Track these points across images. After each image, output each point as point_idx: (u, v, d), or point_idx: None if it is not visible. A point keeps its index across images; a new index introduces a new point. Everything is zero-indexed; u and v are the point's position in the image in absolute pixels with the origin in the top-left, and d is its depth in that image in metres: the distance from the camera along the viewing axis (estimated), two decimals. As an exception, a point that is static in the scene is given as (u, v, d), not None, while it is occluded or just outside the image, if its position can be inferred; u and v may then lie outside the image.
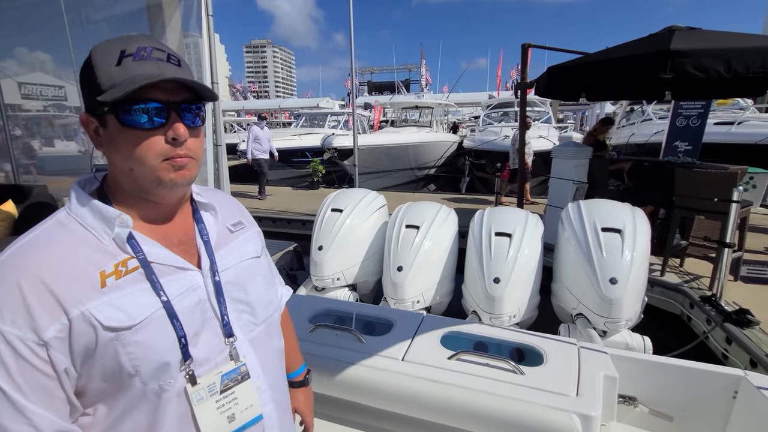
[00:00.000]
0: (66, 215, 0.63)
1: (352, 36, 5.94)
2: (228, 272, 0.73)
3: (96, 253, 0.61)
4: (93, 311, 0.57)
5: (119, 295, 0.59)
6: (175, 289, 0.64)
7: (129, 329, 0.58)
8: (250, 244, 0.81)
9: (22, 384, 0.54)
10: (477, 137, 11.57)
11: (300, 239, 5.10)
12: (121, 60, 0.59)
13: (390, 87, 26.36)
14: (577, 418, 1.27)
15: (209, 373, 0.66)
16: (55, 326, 0.55)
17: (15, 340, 0.53)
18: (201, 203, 0.76)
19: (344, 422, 1.60)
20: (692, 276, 3.80)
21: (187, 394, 0.64)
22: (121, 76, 0.59)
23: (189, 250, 0.70)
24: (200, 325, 0.66)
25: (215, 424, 0.66)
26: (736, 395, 1.53)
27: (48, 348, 0.54)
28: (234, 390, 0.69)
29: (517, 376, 1.45)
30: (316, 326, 1.75)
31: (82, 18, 3.37)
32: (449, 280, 3.23)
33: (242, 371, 0.70)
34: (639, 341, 2.57)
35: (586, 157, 4.80)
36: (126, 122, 0.60)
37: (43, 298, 0.55)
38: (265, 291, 0.80)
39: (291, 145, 11.46)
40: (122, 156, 0.62)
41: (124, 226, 0.63)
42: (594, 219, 2.75)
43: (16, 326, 0.53)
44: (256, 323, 0.76)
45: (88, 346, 0.57)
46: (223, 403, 0.67)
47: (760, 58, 2.70)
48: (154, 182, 0.63)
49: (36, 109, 4.98)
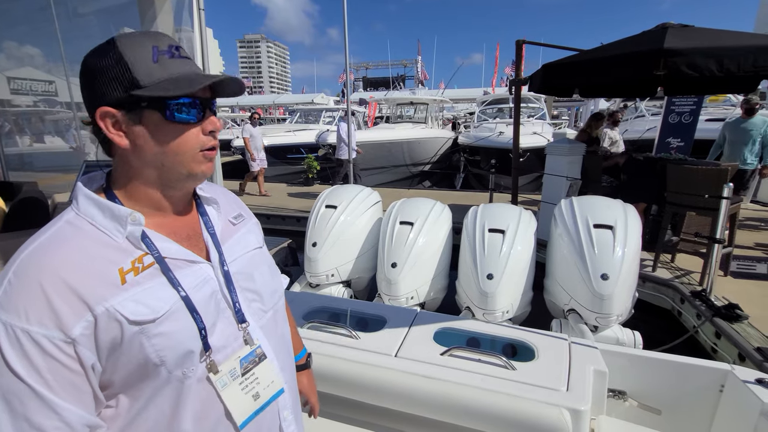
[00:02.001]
0: (75, 216, 0.64)
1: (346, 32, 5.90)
2: (235, 263, 0.75)
3: (111, 251, 0.62)
4: (117, 307, 0.58)
5: (140, 290, 0.61)
6: (190, 282, 0.67)
7: (153, 322, 0.61)
8: (252, 235, 0.84)
9: (52, 381, 0.55)
10: (472, 133, 11.59)
11: (294, 236, 5.09)
12: (158, 57, 0.62)
13: (385, 83, 26.29)
14: (567, 413, 1.29)
15: (228, 360, 0.69)
16: (81, 323, 0.56)
17: (42, 339, 0.54)
18: (204, 198, 0.79)
19: (337, 418, 1.61)
20: (683, 271, 3.85)
21: (212, 382, 0.67)
22: (162, 73, 0.62)
23: (197, 244, 0.73)
24: (215, 315, 0.69)
25: (243, 404, 0.70)
26: (723, 389, 1.56)
27: (75, 345, 0.56)
28: (254, 371, 0.73)
29: (508, 372, 1.46)
30: (309, 323, 1.75)
31: (69, 11, 3.32)
32: (443, 276, 3.24)
33: (258, 353, 0.74)
34: (629, 336, 2.60)
35: (580, 154, 4.83)
36: (172, 117, 0.63)
37: (67, 296, 0.56)
38: (271, 280, 0.83)
39: (285, 141, 11.42)
40: (159, 150, 0.64)
41: (137, 224, 0.64)
42: (586, 215, 2.77)
43: (43, 326, 0.54)
44: (264, 310, 0.79)
45: (113, 340, 0.59)
46: (246, 384, 0.71)
47: (752, 56, 2.73)
48: (183, 175, 0.67)
49: (26, 105, 4.91)
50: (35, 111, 5.04)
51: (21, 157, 4.90)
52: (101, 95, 0.62)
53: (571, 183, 4.64)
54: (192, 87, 0.62)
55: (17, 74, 4.54)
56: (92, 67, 0.62)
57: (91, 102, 0.63)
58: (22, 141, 5.01)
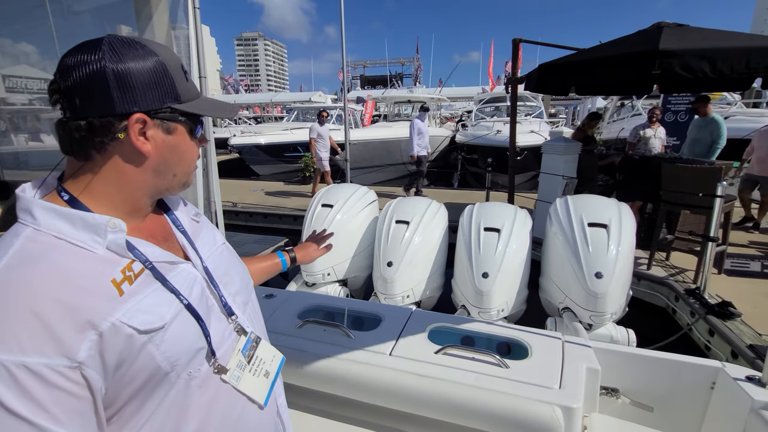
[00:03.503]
0: (34, 231, 0.56)
1: (343, 31, 5.90)
2: (210, 260, 0.76)
3: (95, 263, 0.57)
4: (124, 320, 0.55)
5: (141, 299, 0.58)
6: (180, 283, 0.66)
7: (162, 329, 0.59)
8: (215, 231, 0.85)
9: (59, 414, 0.50)
10: (469, 132, 11.60)
11: (291, 234, 5.10)
12: (186, 76, 0.68)
13: (383, 81, 26.26)
14: (559, 410, 1.30)
15: (232, 356, 0.72)
16: (86, 344, 0.51)
17: (44, 369, 0.49)
18: (168, 199, 0.79)
19: (332, 416, 1.62)
20: (678, 269, 3.88)
21: (226, 381, 0.69)
22: (192, 91, 0.68)
23: (173, 245, 0.73)
24: (207, 312, 0.69)
25: (258, 386, 0.75)
26: (714, 386, 1.58)
27: (82, 368, 0.51)
28: (256, 354, 0.77)
29: (502, 370, 1.48)
30: (304, 322, 1.76)
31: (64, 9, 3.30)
32: (439, 274, 3.25)
33: (254, 338, 0.78)
34: (623, 334, 2.62)
35: (576, 153, 4.85)
36: (196, 133, 0.70)
37: (65, 317, 0.51)
38: (243, 271, 0.86)
39: (283, 139, 11.40)
40: (178, 160, 0.69)
41: (119, 231, 0.60)
42: (581, 214, 2.79)
43: (43, 354, 0.49)
44: (245, 302, 0.81)
45: (120, 356, 0.55)
46: (255, 369, 0.75)
47: (745, 58, 2.75)
48: (182, 184, 0.72)
49: (21, 103, 4.88)
50: (30, 109, 5.01)
51: (17, 156, 4.87)
52: (136, 101, 0.60)
53: (567, 182, 4.65)
54: (225, 113, 0.73)
55: (12, 72, 4.52)
56: (131, 70, 0.59)
57: (120, 104, 0.59)
58: (18, 140, 4.99)
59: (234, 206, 6.88)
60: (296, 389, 1.61)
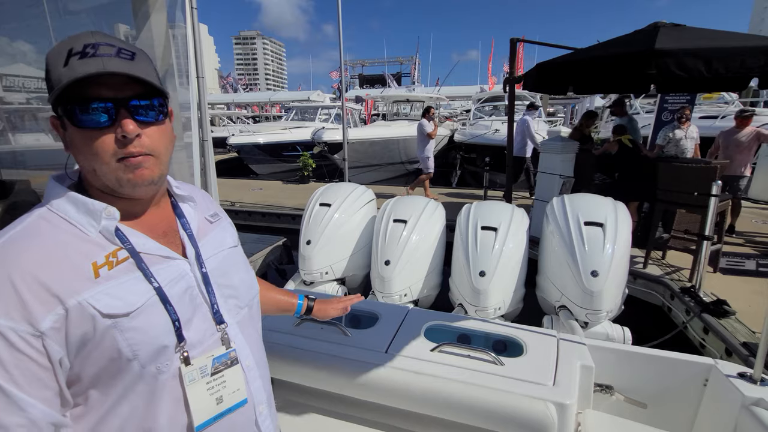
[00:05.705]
0: (47, 210, 0.63)
1: (341, 30, 5.90)
2: (212, 260, 0.75)
3: (85, 245, 0.62)
4: (90, 300, 0.58)
5: (114, 284, 0.61)
6: (165, 276, 0.66)
7: (126, 316, 0.60)
8: (227, 234, 0.85)
9: (18, 377, 0.54)
10: (468, 131, 11.60)
11: (290, 233, 5.10)
12: (68, 60, 0.59)
13: (381, 80, 26.22)
14: (553, 407, 1.32)
15: (202, 356, 0.69)
16: (51, 317, 0.55)
17: (9, 331, 0.53)
18: (180, 195, 0.79)
19: (328, 413, 1.63)
20: (673, 268, 3.90)
21: (181, 374, 0.66)
22: (68, 76, 0.58)
23: (174, 241, 0.73)
24: (191, 311, 0.68)
25: (204, 404, 0.69)
26: (707, 383, 1.59)
27: (44, 338, 0.55)
28: (224, 373, 0.71)
29: (497, 367, 1.49)
30: (301, 320, 1.77)
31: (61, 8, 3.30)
32: (436, 273, 3.27)
33: (232, 356, 0.73)
34: (619, 332, 2.64)
35: (573, 152, 4.86)
36: (77, 123, 0.61)
37: (37, 290, 0.55)
38: (247, 276, 0.84)
39: (281, 138, 11.39)
40: (83, 157, 0.63)
41: (111, 218, 0.64)
42: (577, 213, 2.81)
43: (10, 318, 0.53)
44: (240, 306, 0.79)
45: (85, 335, 0.58)
46: (213, 386, 0.70)
47: (740, 58, 2.76)
48: (116, 182, 0.63)
49: (18, 102, 4.87)
50: (28, 108, 5.00)
51: (14, 155, 4.86)
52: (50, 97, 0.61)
53: (564, 181, 4.67)
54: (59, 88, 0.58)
55: (9, 71, 4.51)
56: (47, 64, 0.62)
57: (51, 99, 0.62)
58: (15, 139, 4.98)
59: (232, 205, 6.88)
60: (293, 387, 1.62)
